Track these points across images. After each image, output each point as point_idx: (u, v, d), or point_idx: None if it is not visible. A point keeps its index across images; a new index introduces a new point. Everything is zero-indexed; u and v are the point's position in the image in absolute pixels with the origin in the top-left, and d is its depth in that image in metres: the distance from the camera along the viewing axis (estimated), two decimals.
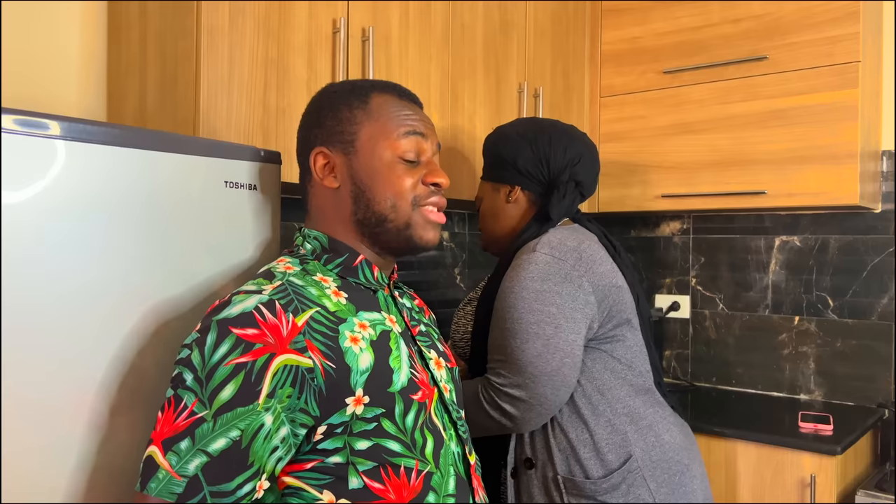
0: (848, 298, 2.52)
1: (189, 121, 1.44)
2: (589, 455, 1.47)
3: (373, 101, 1.09)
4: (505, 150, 1.64)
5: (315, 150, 1.09)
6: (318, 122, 1.10)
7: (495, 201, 1.67)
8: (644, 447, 1.49)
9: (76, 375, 0.97)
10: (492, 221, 1.68)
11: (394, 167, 1.07)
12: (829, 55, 2.24)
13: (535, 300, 1.44)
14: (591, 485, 1.45)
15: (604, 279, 1.51)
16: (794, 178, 2.30)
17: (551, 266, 1.47)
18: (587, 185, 1.64)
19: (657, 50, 2.57)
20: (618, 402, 1.51)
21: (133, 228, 1.04)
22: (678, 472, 1.51)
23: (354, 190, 1.07)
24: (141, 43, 1.55)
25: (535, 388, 1.42)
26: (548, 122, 1.66)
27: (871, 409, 2.43)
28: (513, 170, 1.63)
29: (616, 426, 1.49)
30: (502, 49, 2.23)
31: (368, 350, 0.99)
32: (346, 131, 1.08)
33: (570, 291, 1.46)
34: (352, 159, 1.08)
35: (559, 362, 1.42)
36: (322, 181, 1.09)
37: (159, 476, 0.87)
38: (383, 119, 1.08)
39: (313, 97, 1.16)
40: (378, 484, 0.97)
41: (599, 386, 1.50)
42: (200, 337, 0.91)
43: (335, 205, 1.09)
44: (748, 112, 2.38)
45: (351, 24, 1.70)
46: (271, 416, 0.90)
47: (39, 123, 0.94)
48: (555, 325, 1.43)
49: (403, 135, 1.08)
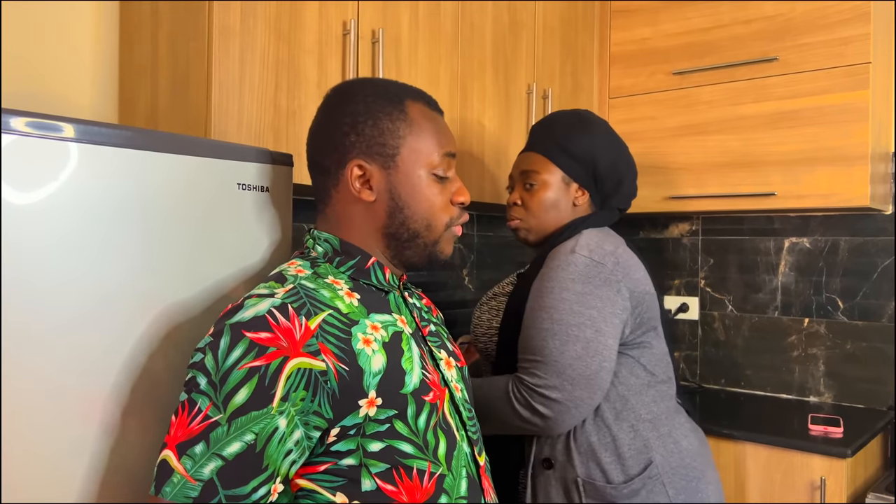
0: (858, 300, 2.51)
1: (200, 122, 1.44)
2: (610, 459, 1.47)
3: (410, 111, 1.08)
4: (600, 157, 1.61)
5: (353, 163, 1.06)
6: (354, 129, 1.06)
7: (563, 194, 1.62)
8: (664, 453, 1.49)
9: (89, 378, 0.98)
10: (553, 213, 1.62)
11: (430, 185, 1.08)
12: (840, 56, 2.23)
13: (576, 302, 1.43)
14: (612, 489, 1.45)
15: (639, 286, 1.51)
16: (804, 180, 2.29)
17: (591, 269, 1.46)
18: (624, 209, 1.70)
19: (667, 51, 2.56)
20: (641, 408, 1.50)
21: (145, 231, 1.04)
22: (695, 478, 1.52)
23: (391, 205, 1.06)
24: (153, 44, 1.56)
25: (573, 390, 1.41)
26: (623, 145, 1.67)
27: (881, 412, 2.41)
28: (594, 178, 1.61)
29: (639, 431, 1.49)
30: (511, 50, 2.22)
31: (381, 352, 0.99)
32: (389, 145, 1.06)
33: (609, 295, 1.45)
34: (391, 174, 1.06)
35: (598, 366, 1.42)
36: (358, 194, 1.06)
37: (174, 480, 0.87)
38: (425, 135, 1.08)
39: (335, 95, 1.11)
40: (391, 486, 0.97)
41: (624, 391, 1.50)
42: (214, 341, 0.91)
43: (365, 216, 1.07)
44: (758, 113, 2.37)
45: (361, 25, 1.70)
46: (285, 419, 0.90)
47: (52, 126, 0.94)
48: (595, 328, 1.42)
49: (443, 155, 1.09)
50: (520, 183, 1.66)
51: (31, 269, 0.92)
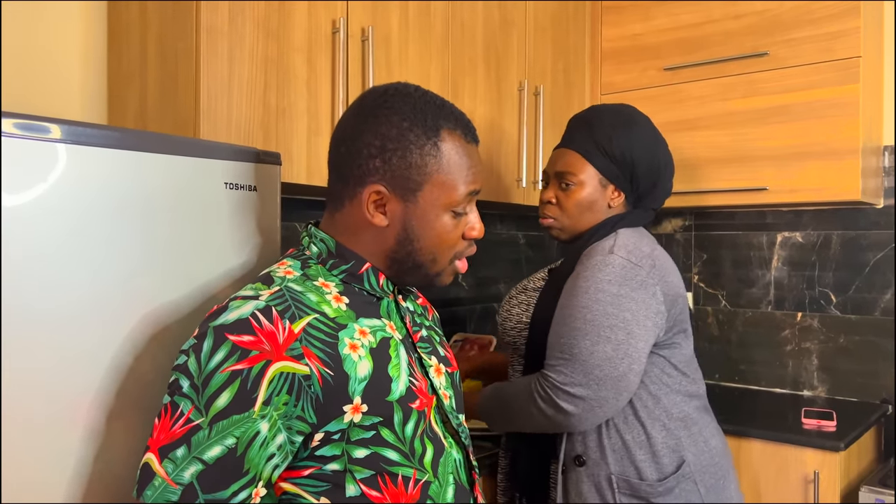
0: (850, 294, 2.52)
1: (189, 121, 1.44)
2: (644, 457, 1.47)
3: (443, 145, 1.03)
4: (640, 160, 1.58)
5: (372, 187, 1.01)
6: (382, 155, 1.01)
7: (599, 195, 1.59)
8: (696, 452, 1.51)
9: (74, 380, 0.98)
10: (587, 213, 1.59)
11: (445, 221, 1.05)
12: (830, 51, 2.24)
13: (611, 304, 1.43)
14: (647, 486, 1.46)
15: (673, 289, 1.51)
16: (795, 174, 2.30)
17: (628, 271, 1.46)
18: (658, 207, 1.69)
19: (658, 47, 2.56)
20: (673, 407, 1.51)
21: (133, 231, 1.04)
22: (721, 476, 1.54)
23: (402, 235, 1.04)
24: (141, 44, 1.55)
25: (599, 390, 1.40)
26: (663, 143, 1.64)
27: (874, 405, 2.42)
28: (632, 180, 1.60)
29: (671, 430, 1.50)
30: (502, 47, 2.22)
31: (367, 358, 0.98)
32: (413, 180, 1.02)
33: (644, 298, 1.45)
34: (408, 207, 1.03)
35: (626, 368, 1.41)
36: (371, 217, 1.03)
37: (155, 483, 0.87)
38: (453, 173, 1.03)
39: (372, 106, 1.04)
40: (375, 492, 0.97)
41: (656, 390, 1.50)
42: (197, 343, 0.91)
43: (374, 236, 1.05)
44: (749, 108, 2.37)
45: (350, 23, 1.70)
46: (267, 423, 0.89)
47: (40, 127, 0.94)
48: (627, 330, 1.42)
49: (466, 195, 1.05)
50: (555, 181, 1.63)
51: (18, 270, 0.92)
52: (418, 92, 1.06)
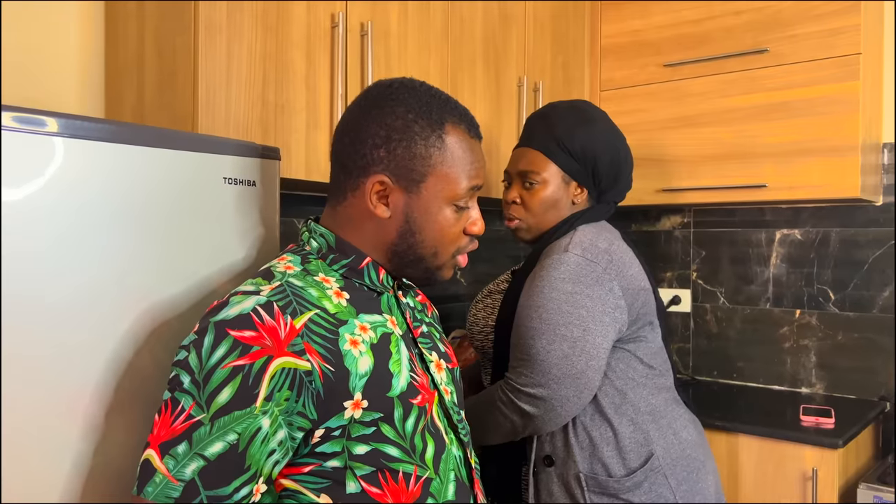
0: (849, 291, 2.52)
1: (188, 117, 1.43)
2: (611, 453, 1.47)
3: (447, 138, 1.04)
4: (600, 155, 1.58)
5: (375, 178, 1.02)
6: (387, 146, 1.02)
7: (563, 193, 1.60)
8: (665, 445, 1.50)
9: (73, 374, 0.97)
10: (552, 211, 1.60)
11: (448, 214, 1.05)
12: (831, 47, 2.23)
13: (566, 302, 1.42)
14: (615, 483, 1.45)
15: (633, 282, 1.50)
16: (795, 171, 2.29)
17: (583, 268, 1.45)
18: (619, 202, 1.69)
19: (658, 43, 2.56)
20: (640, 401, 1.51)
21: (131, 226, 1.03)
22: (695, 469, 1.52)
23: (404, 227, 1.04)
24: (139, 39, 1.54)
25: (559, 389, 1.40)
26: (622, 138, 1.64)
27: (872, 402, 2.42)
28: (594, 176, 1.60)
29: (638, 424, 1.49)
30: (502, 43, 2.22)
31: (368, 353, 0.98)
32: (416, 171, 1.02)
33: (600, 295, 1.44)
34: (411, 198, 1.03)
35: (584, 365, 1.41)
36: (374, 208, 1.03)
37: (156, 480, 0.86)
38: (456, 167, 1.04)
39: (378, 98, 1.05)
40: (376, 489, 0.96)
41: (622, 385, 1.50)
42: (198, 339, 0.91)
43: (375, 229, 1.05)
44: (749, 105, 2.37)
45: (349, 18, 1.70)
46: (268, 419, 0.89)
47: (37, 120, 0.94)
48: (583, 327, 1.42)
49: (468, 189, 1.06)
50: (518, 181, 1.63)
51: (16, 265, 0.91)
52: (424, 86, 1.07)
